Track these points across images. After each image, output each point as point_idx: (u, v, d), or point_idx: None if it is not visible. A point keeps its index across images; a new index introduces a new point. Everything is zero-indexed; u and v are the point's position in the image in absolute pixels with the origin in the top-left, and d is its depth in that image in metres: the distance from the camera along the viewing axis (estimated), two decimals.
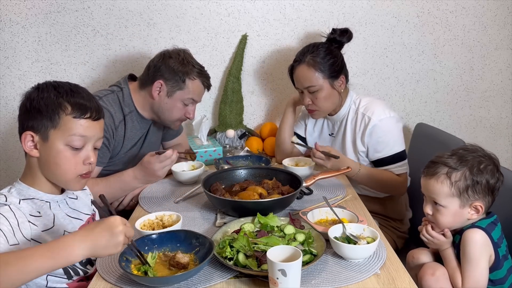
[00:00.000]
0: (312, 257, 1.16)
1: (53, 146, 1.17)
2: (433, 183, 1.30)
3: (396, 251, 1.42)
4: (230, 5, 2.19)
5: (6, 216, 1.09)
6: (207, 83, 1.82)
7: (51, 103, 1.16)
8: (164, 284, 1.09)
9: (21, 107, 1.20)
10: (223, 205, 1.46)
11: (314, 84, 1.77)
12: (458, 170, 1.27)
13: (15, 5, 2.10)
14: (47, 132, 1.16)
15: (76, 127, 1.17)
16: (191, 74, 1.75)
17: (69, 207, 1.29)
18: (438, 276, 1.30)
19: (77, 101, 1.18)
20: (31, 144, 1.18)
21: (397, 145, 1.78)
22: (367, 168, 1.78)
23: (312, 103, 1.81)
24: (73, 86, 1.22)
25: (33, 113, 1.16)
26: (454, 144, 1.78)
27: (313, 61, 1.76)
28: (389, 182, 1.78)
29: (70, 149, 1.18)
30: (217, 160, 1.93)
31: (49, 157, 1.18)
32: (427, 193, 1.35)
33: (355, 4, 2.22)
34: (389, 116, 1.76)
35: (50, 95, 1.16)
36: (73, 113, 1.17)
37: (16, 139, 2.23)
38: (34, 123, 1.16)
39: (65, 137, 1.17)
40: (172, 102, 1.76)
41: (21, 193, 1.19)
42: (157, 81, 1.73)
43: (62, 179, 1.21)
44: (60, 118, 1.16)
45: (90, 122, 1.20)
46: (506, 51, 2.33)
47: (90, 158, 1.22)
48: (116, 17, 2.16)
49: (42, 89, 1.18)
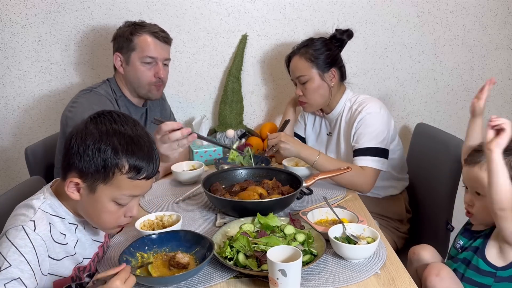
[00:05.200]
0: (312, 257, 1.16)
1: (99, 199, 1.07)
2: (476, 171, 1.29)
3: (396, 251, 1.42)
4: (230, 5, 2.19)
5: (28, 260, 1.00)
6: (161, 35, 1.77)
7: (109, 160, 1.03)
8: (164, 284, 1.09)
9: (72, 145, 1.05)
10: (223, 205, 1.46)
11: (304, 74, 1.80)
12: (505, 158, 1.21)
13: (15, 5, 2.10)
14: (95, 185, 1.06)
15: (128, 187, 1.07)
16: (137, 30, 1.75)
17: (93, 227, 1.23)
18: (443, 277, 1.30)
19: (135, 161, 1.05)
20: (74, 188, 1.07)
21: (377, 140, 1.70)
22: (326, 157, 1.72)
23: (303, 94, 1.84)
24: (134, 137, 1.07)
25: (86, 158, 1.04)
26: (454, 144, 1.78)
27: (306, 52, 1.80)
28: (348, 174, 1.62)
29: (115, 204, 1.09)
30: (217, 160, 1.93)
31: (92, 208, 1.10)
32: (470, 183, 1.34)
33: (355, 4, 2.22)
34: (378, 112, 1.74)
35: (109, 149, 1.03)
36: (129, 174, 1.06)
37: (16, 139, 2.26)
38: (84, 167, 1.04)
39: (114, 194, 1.07)
40: (133, 67, 1.77)
41: (54, 209, 1.11)
42: (114, 54, 1.78)
43: (99, 226, 1.16)
44: (114, 175, 1.05)
45: (143, 182, 1.09)
46: (506, 51, 2.33)
47: (132, 212, 1.13)
48: (116, 17, 2.15)
49: (101, 129, 1.04)
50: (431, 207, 1.91)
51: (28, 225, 1.03)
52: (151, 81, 1.80)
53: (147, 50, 1.75)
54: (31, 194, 1.17)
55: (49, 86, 2.22)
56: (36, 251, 1.03)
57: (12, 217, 1.09)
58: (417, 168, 2.05)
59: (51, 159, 1.83)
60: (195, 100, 2.31)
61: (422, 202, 2.00)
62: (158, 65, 1.79)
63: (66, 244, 1.12)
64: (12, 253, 0.99)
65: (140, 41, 1.74)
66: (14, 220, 1.06)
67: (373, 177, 1.69)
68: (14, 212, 1.10)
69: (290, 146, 1.67)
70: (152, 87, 1.81)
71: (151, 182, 1.14)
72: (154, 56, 1.77)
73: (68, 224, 1.14)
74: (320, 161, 1.67)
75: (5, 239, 1.01)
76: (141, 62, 1.76)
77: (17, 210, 1.10)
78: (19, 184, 1.46)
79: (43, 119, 2.25)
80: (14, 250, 0.99)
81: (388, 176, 1.87)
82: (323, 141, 1.98)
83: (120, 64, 1.79)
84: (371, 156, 1.69)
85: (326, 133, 1.97)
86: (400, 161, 1.93)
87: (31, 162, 1.76)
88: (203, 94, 2.31)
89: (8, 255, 0.98)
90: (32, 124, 2.26)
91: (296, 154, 1.69)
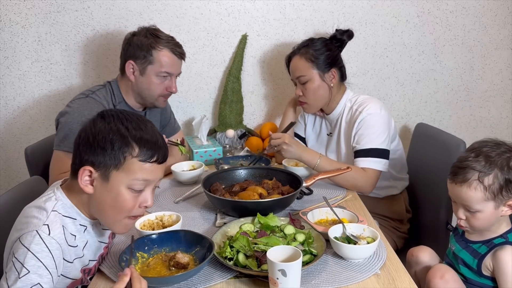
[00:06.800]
0: (312, 257, 1.16)
1: (114, 187, 1.08)
2: (465, 190, 1.23)
3: (396, 251, 1.42)
4: (230, 5, 2.19)
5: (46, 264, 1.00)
6: (178, 51, 1.76)
7: (118, 143, 1.06)
8: (164, 284, 1.09)
9: (83, 138, 1.08)
10: (223, 205, 1.46)
11: (304, 74, 1.80)
12: (489, 173, 1.20)
13: (15, 5, 2.10)
14: (108, 172, 1.07)
15: (141, 171, 1.08)
16: (157, 45, 1.72)
17: (102, 228, 1.23)
18: (448, 279, 1.29)
19: (144, 143, 1.08)
20: (88, 180, 1.08)
21: (378, 141, 1.71)
22: (327, 159, 1.73)
23: (303, 94, 1.84)
24: (141, 122, 1.11)
25: (96, 149, 1.06)
26: (454, 144, 1.78)
27: (306, 52, 1.80)
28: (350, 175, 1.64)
29: (130, 192, 1.10)
30: (217, 160, 1.93)
31: (106, 198, 1.09)
32: (458, 200, 1.28)
33: (355, 4, 2.22)
34: (379, 113, 1.74)
35: (118, 137, 1.06)
36: (140, 156, 1.07)
37: (16, 139, 2.26)
38: (96, 159, 1.06)
39: (128, 179, 1.08)
40: (148, 79, 1.74)
41: (65, 210, 1.11)
42: (127, 62, 1.73)
43: (111, 219, 1.13)
44: (125, 160, 1.06)
45: (155, 166, 1.10)
46: (506, 51, 2.33)
47: (147, 202, 1.13)
48: (116, 17, 2.16)
49: (109, 122, 1.08)
50: (431, 207, 1.91)
51: (42, 230, 1.03)
52: (162, 93, 1.79)
53: (165, 66, 1.74)
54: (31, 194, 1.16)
55: (49, 86, 2.22)
56: (53, 255, 1.02)
57: (23, 220, 1.07)
58: (417, 168, 2.04)
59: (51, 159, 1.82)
60: (195, 100, 2.31)
61: (422, 202, 2.00)
62: (172, 79, 1.79)
63: (76, 247, 1.12)
64: (29, 259, 0.99)
65: (160, 56, 1.72)
66: (26, 224, 1.05)
67: (375, 178, 1.70)
68: (25, 214, 1.08)
69: (293, 149, 1.68)
70: (160, 98, 1.81)
71: (162, 169, 1.14)
72: (170, 72, 1.77)
73: (78, 226, 1.13)
74: (321, 164, 1.68)
75: (20, 245, 1.00)
76: (156, 75, 1.74)
77: (28, 211, 1.08)
78: (19, 184, 1.46)
79: (43, 119, 2.25)
80: (31, 256, 0.99)
81: (388, 176, 1.86)
82: (323, 141, 1.98)
83: (132, 72, 1.74)
84: (372, 157, 1.69)
85: (326, 134, 1.97)
86: (400, 161, 1.93)
87: (31, 162, 1.76)
88: (203, 94, 2.31)
89: (26, 262, 0.98)
90: (32, 124, 2.26)
91: (297, 157, 1.70)
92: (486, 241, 1.30)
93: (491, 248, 1.27)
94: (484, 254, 1.28)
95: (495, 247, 1.27)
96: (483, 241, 1.30)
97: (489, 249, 1.28)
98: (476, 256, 1.30)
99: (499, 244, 1.26)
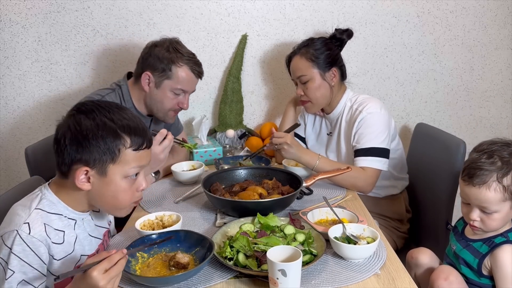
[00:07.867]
0: (312, 257, 1.16)
1: (112, 180, 1.12)
2: (484, 192, 1.22)
3: (396, 251, 1.42)
4: (230, 5, 2.19)
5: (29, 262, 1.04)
6: (197, 70, 1.75)
7: (110, 138, 1.08)
8: (164, 284, 1.09)
9: (69, 138, 1.08)
10: (223, 205, 1.46)
11: (305, 73, 1.80)
12: (507, 174, 1.21)
13: (15, 5, 2.10)
14: (105, 167, 1.10)
15: (134, 160, 1.13)
16: (178, 60, 1.70)
17: (94, 224, 1.25)
18: (452, 281, 1.29)
19: (134, 132, 1.12)
20: (84, 178, 1.10)
21: (378, 140, 1.71)
22: (326, 160, 1.73)
23: (304, 94, 1.84)
24: (121, 110, 1.14)
25: (88, 147, 1.07)
26: (454, 144, 1.78)
27: (306, 52, 1.80)
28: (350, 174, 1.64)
29: (127, 181, 1.14)
30: (217, 160, 1.93)
31: (107, 191, 1.13)
32: (475, 202, 1.26)
33: (355, 4, 2.22)
34: (379, 112, 1.74)
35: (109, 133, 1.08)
36: (133, 146, 1.12)
37: (16, 139, 2.26)
38: (90, 157, 1.08)
39: (124, 170, 1.12)
40: (162, 93, 1.73)
41: (51, 206, 1.13)
42: (145, 72, 1.71)
43: (117, 209, 1.19)
44: (120, 152, 1.10)
45: (146, 152, 1.16)
46: (506, 51, 2.33)
47: (142, 185, 1.18)
48: (116, 17, 2.16)
49: (93, 118, 1.08)
50: (431, 207, 1.91)
51: (22, 229, 1.05)
52: (173, 108, 1.78)
53: (182, 83, 1.73)
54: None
55: (49, 86, 2.22)
56: (36, 252, 1.05)
57: (8, 217, 1.10)
58: (417, 168, 2.05)
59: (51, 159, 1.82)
60: (195, 100, 2.30)
61: (422, 202, 2.00)
62: (185, 96, 1.78)
63: (63, 243, 1.13)
64: (13, 260, 1.03)
65: (178, 72, 1.71)
66: (9, 220, 1.08)
67: (375, 177, 1.70)
68: (11, 211, 1.12)
69: (293, 150, 1.68)
70: (170, 112, 1.80)
71: (150, 151, 1.20)
72: (185, 90, 1.76)
73: (67, 220, 1.15)
74: (320, 165, 1.68)
75: (4, 246, 1.04)
76: (171, 90, 1.73)
77: (14, 209, 1.12)
78: (19, 184, 1.47)
79: (43, 119, 2.25)
80: (13, 257, 1.03)
81: (388, 175, 1.87)
82: (323, 141, 1.98)
83: (147, 82, 1.72)
84: (372, 156, 1.69)
85: (326, 133, 1.97)
86: (400, 161, 1.93)
87: (31, 162, 1.76)
88: (203, 94, 2.31)
89: (10, 263, 1.03)
90: (32, 124, 2.26)
91: (297, 158, 1.70)
92: (487, 239, 1.30)
93: (492, 248, 1.27)
94: (485, 254, 1.28)
95: (495, 246, 1.27)
96: (483, 239, 1.31)
97: (490, 248, 1.28)
98: (477, 256, 1.30)
99: (499, 243, 1.26)
